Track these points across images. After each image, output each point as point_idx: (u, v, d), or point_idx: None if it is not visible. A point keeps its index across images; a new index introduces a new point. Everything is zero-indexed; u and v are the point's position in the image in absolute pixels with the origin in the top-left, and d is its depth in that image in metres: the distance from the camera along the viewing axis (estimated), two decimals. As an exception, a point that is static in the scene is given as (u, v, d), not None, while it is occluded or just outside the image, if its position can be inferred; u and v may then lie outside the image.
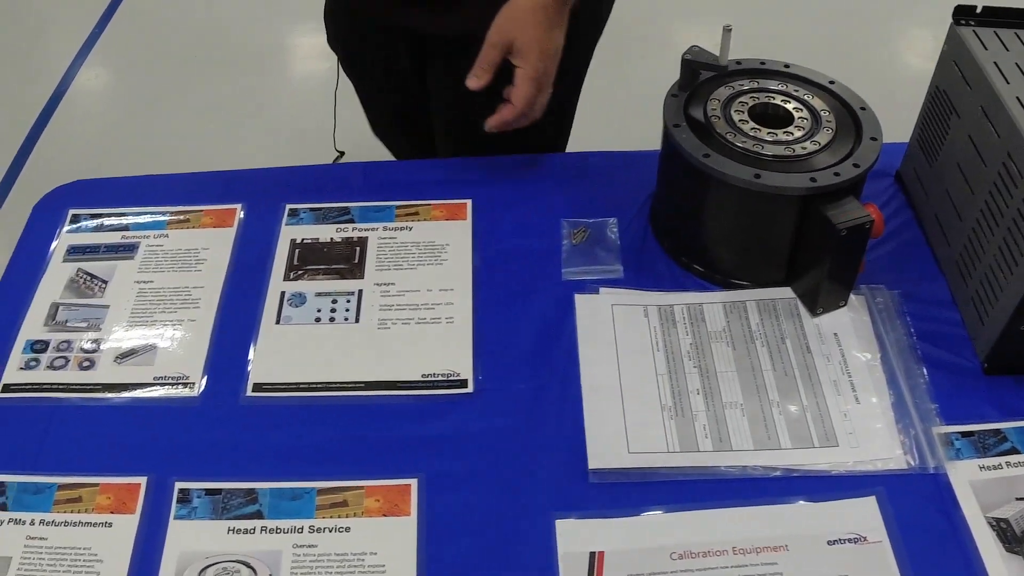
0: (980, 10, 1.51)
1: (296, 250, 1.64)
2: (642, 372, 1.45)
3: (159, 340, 1.53)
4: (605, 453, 1.36)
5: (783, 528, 1.28)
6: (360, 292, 1.57)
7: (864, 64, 3.86)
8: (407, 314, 1.54)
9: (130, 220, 1.71)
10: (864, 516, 1.29)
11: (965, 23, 1.51)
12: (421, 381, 1.45)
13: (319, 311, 1.55)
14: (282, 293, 1.58)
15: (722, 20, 1.51)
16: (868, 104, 1.54)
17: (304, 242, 1.66)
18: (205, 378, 1.48)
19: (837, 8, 4.33)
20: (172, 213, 1.72)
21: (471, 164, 1.79)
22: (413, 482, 1.34)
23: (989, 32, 1.49)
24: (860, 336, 1.49)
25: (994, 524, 1.27)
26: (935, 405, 1.40)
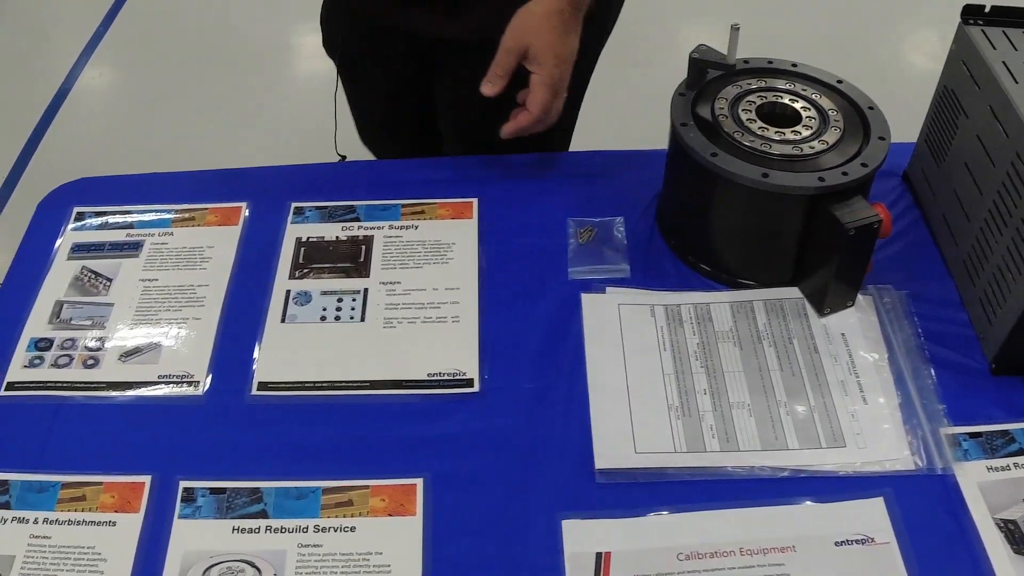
0: (989, 9, 1.51)
1: (301, 248, 1.64)
2: (649, 372, 1.45)
3: (164, 338, 1.52)
4: (612, 453, 1.35)
5: (790, 529, 1.27)
6: (366, 291, 1.57)
7: (868, 64, 3.86)
8: (413, 313, 1.54)
9: (135, 218, 1.71)
10: (872, 517, 1.28)
11: (974, 22, 1.51)
12: (427, 380, 1.45)
13: (324, 310, 1.55)
14: (287, 292, 1.58)
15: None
16: (876, 103, 1.54)
17: (309, 240, 1.65)
18: (210, 377, 1.47)
19: (840, 8, 4.33)
20: (177, 211, 1.72)
21: (477, 163, 1.78)
22: (419, 482, 1.33)
23: (998, 32, 1.49)
24: (867, 336, 1.49)
25: (1002, 526, 1.27)
26: (943, 406, 1.40)
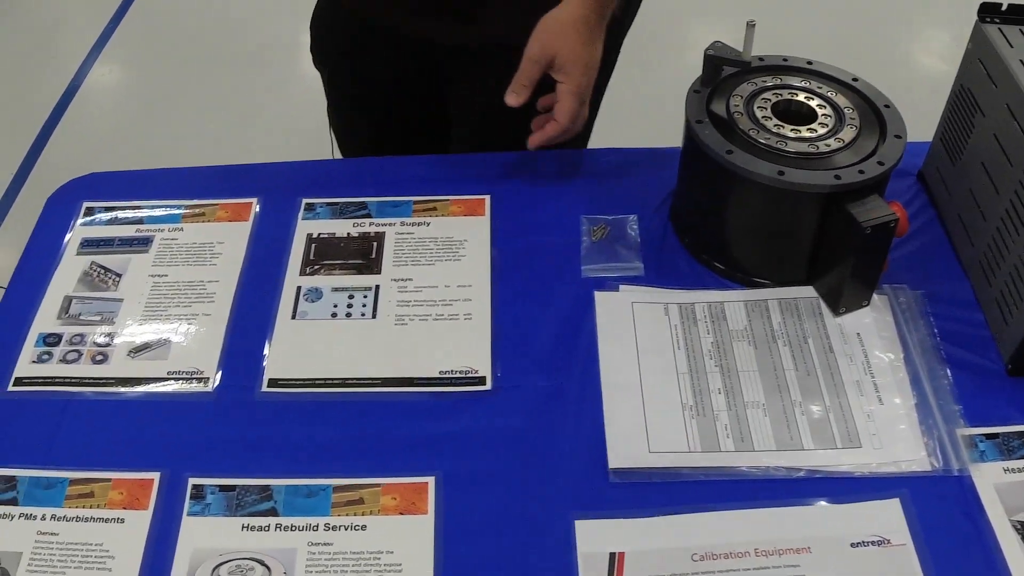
0: (1006, 7, 1.50)
1: (312, 245, 1.63)
2: (663, 370, 1.44)
3: (173, 334, 1.52)
4: (625, 452, 1.34)
5: (806, 530, 1.27)
6: (377, 288, 1.56)
7: (879, 64, 3.84)
8: (424, 310, 1.53)
9: (145, 213, 1.70)
10: (888, 518, 1.27)
11: (990, 20, 1.50)
12: (439, 378, 1.44)
13: (335, 306, 1.54)
14: (298, 288, 1.57)
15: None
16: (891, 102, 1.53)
17: (320, 237, 1.65)
18: (220, 373, 1.47)
19: (850, 8, 4.32)
20: (187, 207, 1.71)
21: (489, 160, 1.78)
22: (430, 480, 1.32)
23: (1014, 30, 1.48)
24: (883, 336, 1.48)
25: (1019, 527, 1.26)
26: (959, 407, 1.39)
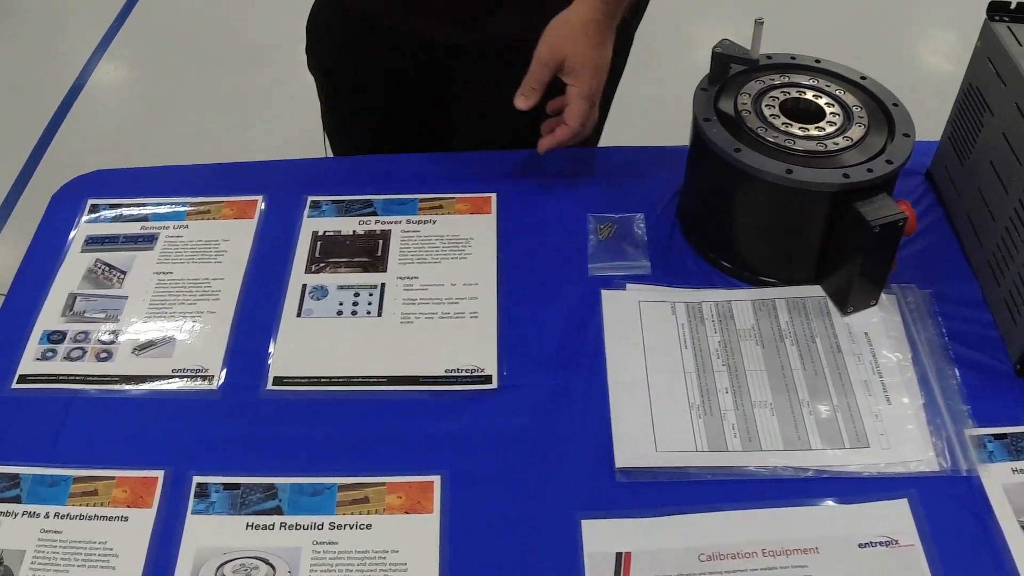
0: (1015, 6, 1.50)
1: (318, 242, 1.63)
2: (670, 369, 1.43)
3: (178, 332, 1.51)
4: (632, 451, 1.34)
5: (813, 530, 1.26)
6: (383, 286, 1.56)
7: (884, 64, 3.82)
8: (430, 308, 1.53)
9: (149, 210, 1.70)
10: (896, 519, 1.27)
11: (999, 19, 1.50)
12: (444, 376, 1.44)
13: (341, 304, 1.54)
14: (303, 286, 1.57)
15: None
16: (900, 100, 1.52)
17: (326, 234, 1.64)
18: (224, 371, 1.46)
19: (856, 8, 4.32)
20: (192, 204, 1.71)
21: (496, 158, 1.77)
22: (436, 479, 1.32)
23: (1024, 28, 1.48)
24: (891, 336, 1.47)
25: (1028, 529, 1.25)
26: (967, 407, 1.38)
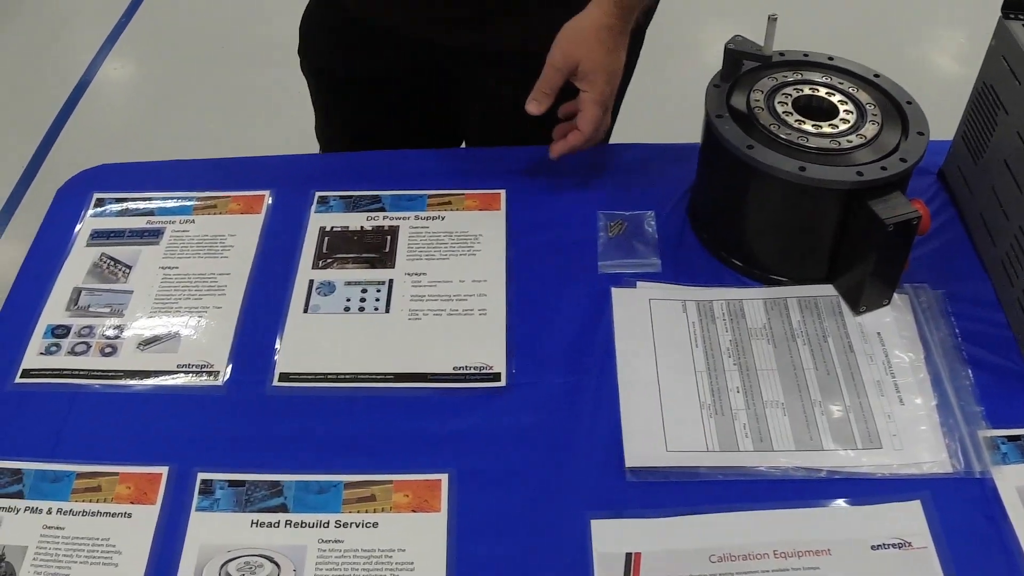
0: (1030, 4, 1.49)
1: (325, 238, 1.62)
2: (681, 368, 1.42)
3: (183, 327, 1.50)
4: (642, 451, 1.33)
5: (825, 532, 1.25)
6: (391, 282, 1.55)
7: (892, 64, 3.83)
8: (439, 305, 1.52)
9: (156, 205, 1.69)
10: (909, 521, 1.26)
11: (1014, 17, 1.49)
12: (453, 374, 1.43)
13: (348, 300, 1.53)
14: (310, 281, 1.56)
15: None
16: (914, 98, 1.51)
17: (333, 230, 1.63)
18: (230, 367, 1.45)
19: (863, 8, 4.31)
20: (199, 198, 1.70)
21: (505, 154, 1.76)
22: (443, 477, 1.31)
23: (1039, 26, 1.47)
24: (903, 336, 1.46)
25: (1042, 531, 1.24)
26: (981, 408, 1.37)
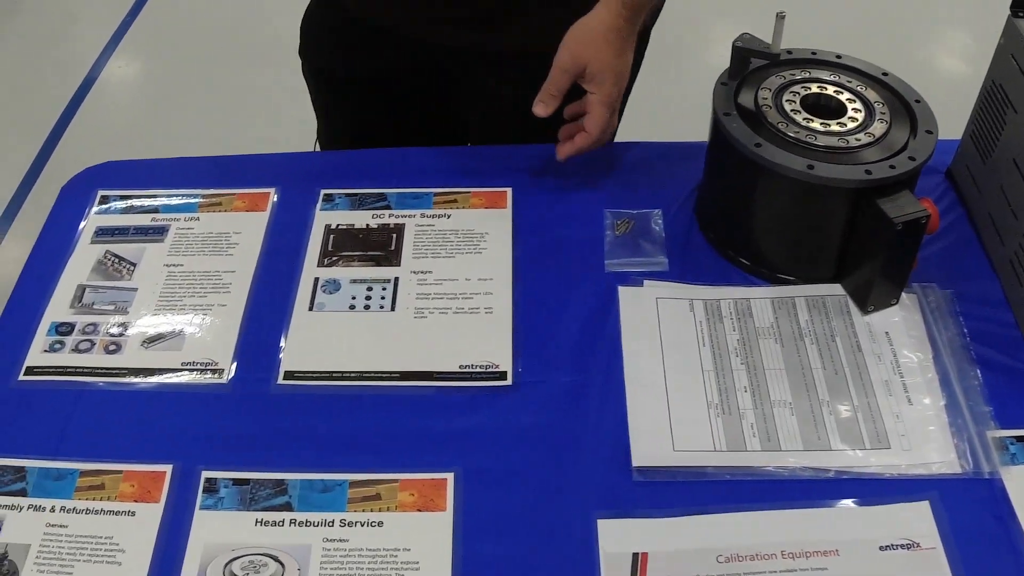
0: (1039, 3, 1.48)
1: (331, 236, 1.62)
2: (688, 368, 1.42)
3: (188, 325, 1.50)
4: (649, 450, 1.32)
5: (834, 532, 1.24)
6: (396, 280, 1.54)
7: (898, 64, 3.82)
8: (444, 303, 1.51)
9: (160, 202, 1.69)
10: (917, 521, 1.25)
11: (1023, 15, 1.47)
12: (458, 372, 1.42)
13: (354, 298, 1.52)
14: (316, 279, 1.55)
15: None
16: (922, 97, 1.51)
17: (339, 228, 1.63)
18: (235, 364, 1.45)
19: (869, 8, 4.30)
20: (204, 196, 1.70)
21: (511, 152, 1.76)
22: (449, 476, 1.30)
23: (1048, 25, 1.46)
24: (912, 336, 1.45)
25: (1052, 532, 1.23)
26: (989, 408, 1.36)
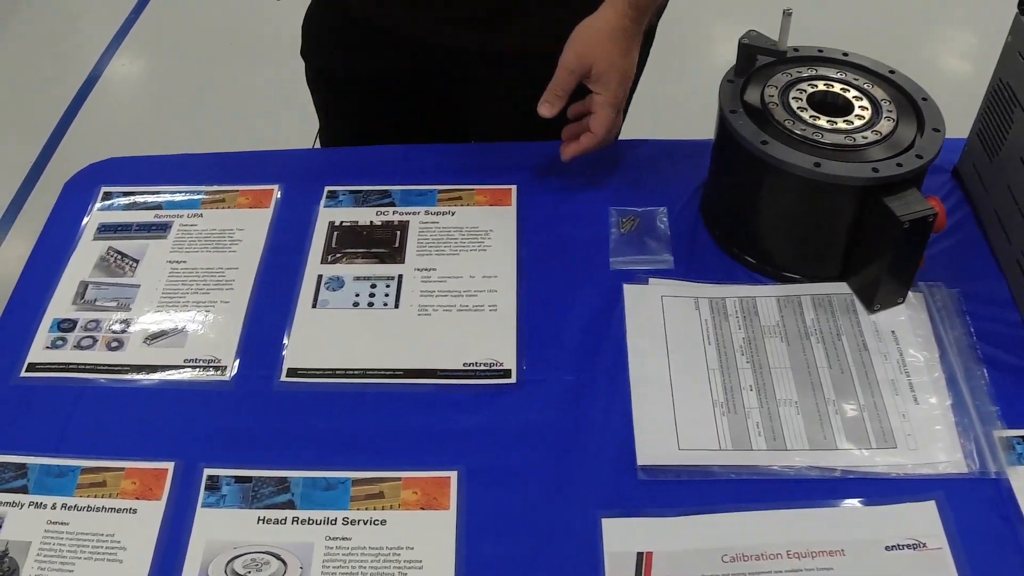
0: (1047, 0, 1.47)
1: (335, 233, 1.61)
2: (693, 366, 1.41)
3: (191, 322, 1.49)
4: (654, 449, 1.31)
5: (839, 532, 1.24)
6: (400, 277, 1.54)
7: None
8: (449, 301, 1.51)
9: (163, 198, 1.68)
10: (923, 521, 1.24)
11: (1031, 14, 1.47)
12: (463, 370, 1.42)
13: (357, 296, 1.52)
14: (319, 276, 1.55)
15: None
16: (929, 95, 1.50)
17: (343, 225, 1.62)
18: (237, 361, 1.44)
19: (874, 8, 4.29)
20: (207, 192, 1.69)
21: (516, 149, 1.75)
22: (453, 475, 1.30)
23: (1056, 22, 1.45)
24: (918, 335, 1.44)
25: (1058, 533, 1.23)
26: (996, 407, 1.35)
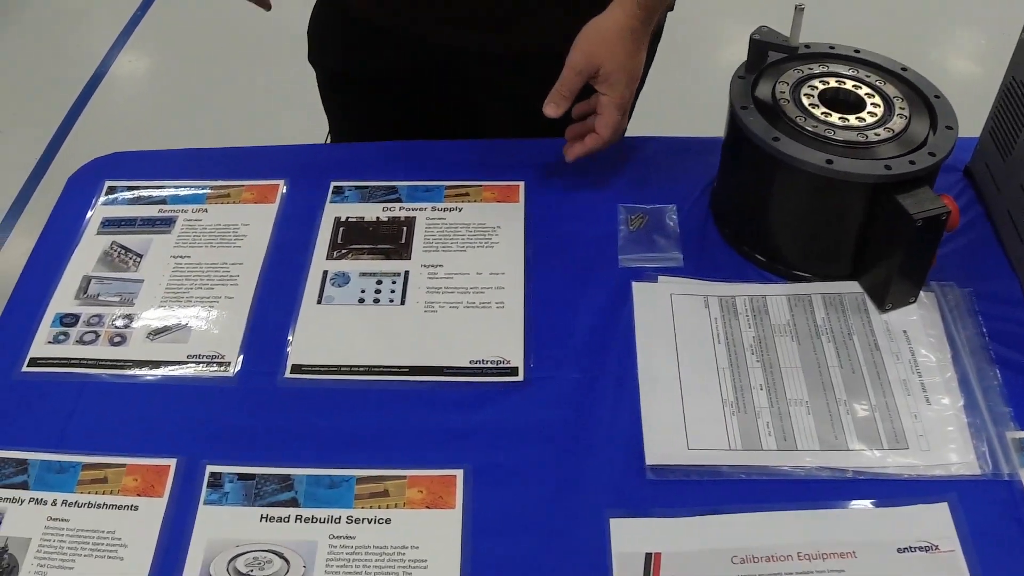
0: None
1: (340, 228, 1.60)
2: (702, 365, 1.40)
3: (194, 317, 1.48)
4: (663, 449, 1.30)
5: (851, 533, 1.22)
6: (406, 273, 1.53)
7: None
8: (455, 297, 1.49)
9: (168, 193, 1.67)
10: (936, 523, 1.23)
11: (1045, 11, 1.46)
12: (469, 367, 1.41)
13: (363, 292, 1.51)
14: (324, 272, 1.54)
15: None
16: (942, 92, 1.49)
17: (349, 220, 1.61)
18: (241, 358, 1.43)
19: (882, 9, 4.29)
20: (212, 187, 1.68)
21: (524, 145, 1.74)
22: (459, 473, 1.29)
23: (1069, 20, 1.44)
24: (930, 334, 1.43)
25: (1072, 535, 1.21)
26: (1009, 408, 1.34)
